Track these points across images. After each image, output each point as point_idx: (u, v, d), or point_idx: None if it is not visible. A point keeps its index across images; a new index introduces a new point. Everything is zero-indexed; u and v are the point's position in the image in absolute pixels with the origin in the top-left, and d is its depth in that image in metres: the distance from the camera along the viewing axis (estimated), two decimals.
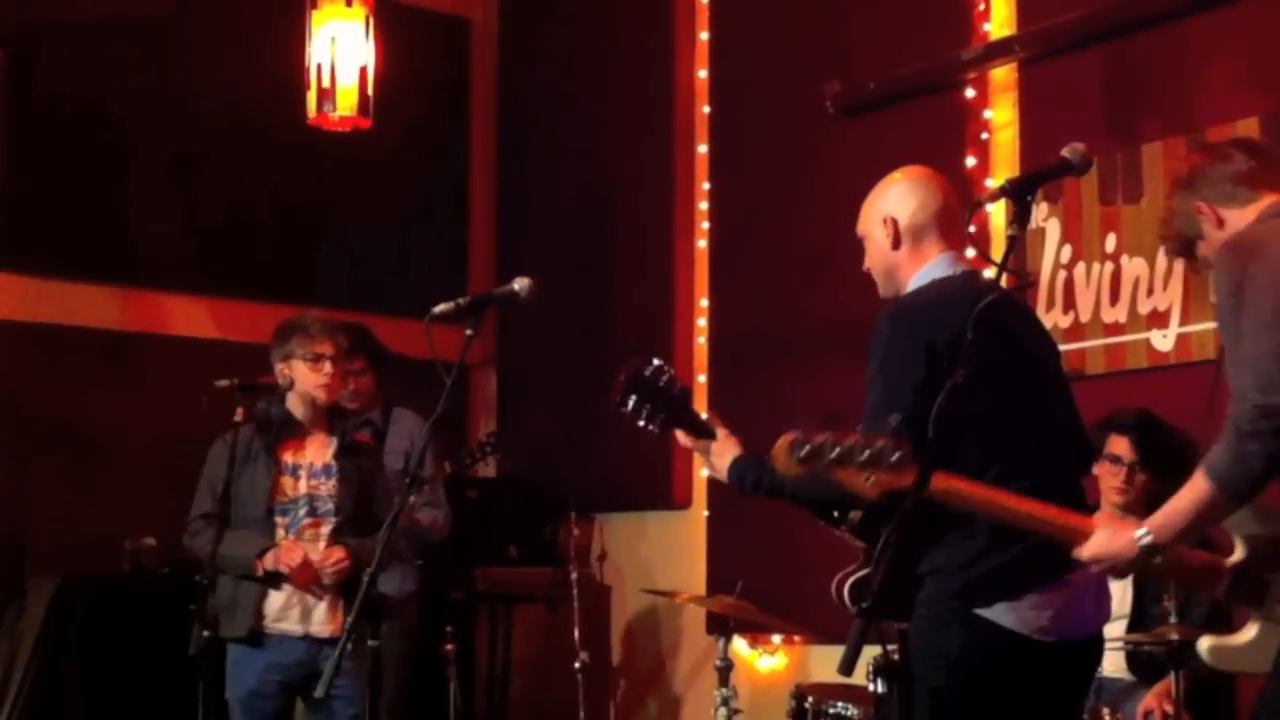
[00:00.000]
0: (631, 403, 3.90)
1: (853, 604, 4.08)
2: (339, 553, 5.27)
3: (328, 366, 5.39)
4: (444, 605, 6.84)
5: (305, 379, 5.39)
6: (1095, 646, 3.72)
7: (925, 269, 3.78)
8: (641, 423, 3.93)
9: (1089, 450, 3.83)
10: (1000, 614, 3.50)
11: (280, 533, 5.30)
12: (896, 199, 3.82)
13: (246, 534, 5.27)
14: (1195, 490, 3.31)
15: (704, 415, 3.97)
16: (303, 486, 5.36)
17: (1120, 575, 3.57)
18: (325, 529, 5.33)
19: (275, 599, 5.27)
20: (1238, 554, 3.51)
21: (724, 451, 3.90)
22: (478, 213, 8.52)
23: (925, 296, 3.72)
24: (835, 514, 3.98)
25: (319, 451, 5.41)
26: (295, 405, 5.43)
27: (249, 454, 5.33)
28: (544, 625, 7.74)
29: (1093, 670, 3.77)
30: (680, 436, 3.96)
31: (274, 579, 5.26)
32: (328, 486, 5.36)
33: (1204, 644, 3.64)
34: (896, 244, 3.80)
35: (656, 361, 3.93)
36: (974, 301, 3.45)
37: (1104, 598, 3.72)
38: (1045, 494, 3.55)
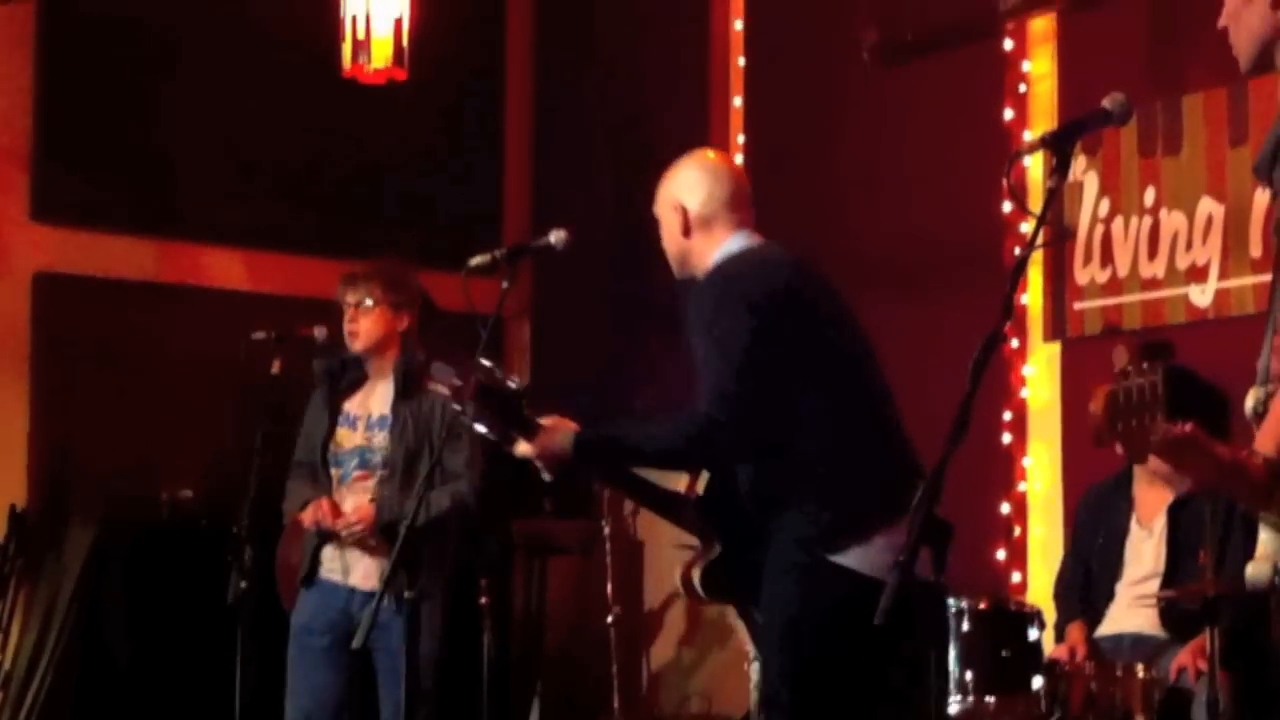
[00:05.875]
0: (470, 410, 3.90)
1: (704, 591, 4.03)
2: (358, 514, 5.18)
3: (350, 314, 5.29)
4: (479, 557, 6.85)
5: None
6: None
7: (722, 247, 3.91)
8: (483, 429, 3.91)
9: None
10: (852, 559, 3.61)
11: (334, 484, 5.29)
12: (686, 188, 3.99)
13: (300, 486, 5.30)
14: None
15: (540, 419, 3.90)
16: (358, 438, 5.29)
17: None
18: (372, 482, 5.24)
19: (328, 547, 5.27)
20: None
21: (559, 431, 3.88)
22: (513, 165, 8.49)
23: (742, 264, 3.87)
24: (665, 498, 3.98)
25: (380, 401, 5.31)
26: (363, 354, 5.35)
27: (324, 403, 5.34)
28: (578, 578, 7.75)
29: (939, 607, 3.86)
30: (521, 447, 3.89)
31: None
32: (380, 438, 5.25)
33: None
34: (687, 232, 3.89)
35: (486, 363, 3.94)
36: (790, 265, 3.76)
37: None
38: (893, 435, 3.76)
